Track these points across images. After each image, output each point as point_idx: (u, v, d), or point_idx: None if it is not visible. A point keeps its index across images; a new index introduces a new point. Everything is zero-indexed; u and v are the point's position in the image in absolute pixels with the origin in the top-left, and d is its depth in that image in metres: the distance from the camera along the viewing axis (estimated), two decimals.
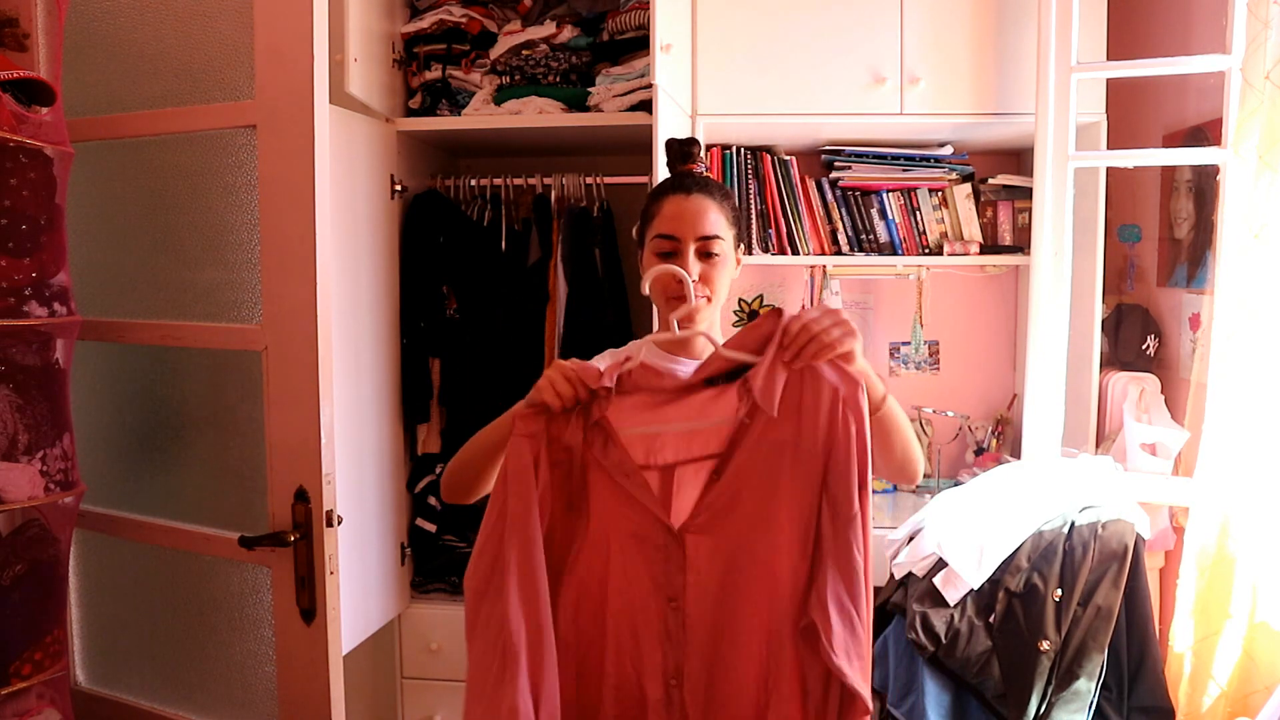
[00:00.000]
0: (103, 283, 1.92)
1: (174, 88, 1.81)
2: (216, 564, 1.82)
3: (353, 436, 2.31)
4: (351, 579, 2.24)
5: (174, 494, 1.93)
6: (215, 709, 1.88)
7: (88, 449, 1.81)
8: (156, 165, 1.89)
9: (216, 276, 1.81)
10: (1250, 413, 1.99)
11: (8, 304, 1.57)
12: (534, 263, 2.66)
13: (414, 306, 2.61)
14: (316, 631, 1.66)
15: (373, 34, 2.42)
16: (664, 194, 1.45)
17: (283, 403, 1.67)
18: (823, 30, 2.46)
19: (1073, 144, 2.30)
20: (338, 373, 1.74)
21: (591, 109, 2.55)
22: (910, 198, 2.73)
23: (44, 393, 1.65)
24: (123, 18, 1.86)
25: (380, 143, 2.48)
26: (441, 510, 2.66)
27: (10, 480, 1.57)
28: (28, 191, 1.58)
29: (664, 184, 1.49)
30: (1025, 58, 2.40)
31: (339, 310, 1.91)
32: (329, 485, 1.64)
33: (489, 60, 2.62)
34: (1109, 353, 2.61)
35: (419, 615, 2.66)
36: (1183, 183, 2.47)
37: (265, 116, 1.65)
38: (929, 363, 3.01)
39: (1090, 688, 1.86)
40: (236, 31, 1.69)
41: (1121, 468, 2.30)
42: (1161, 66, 2.23)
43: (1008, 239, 2.76)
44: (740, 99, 2.48)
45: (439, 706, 2.66)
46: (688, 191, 1.42)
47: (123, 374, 2.00)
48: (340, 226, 2.13)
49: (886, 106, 2.47)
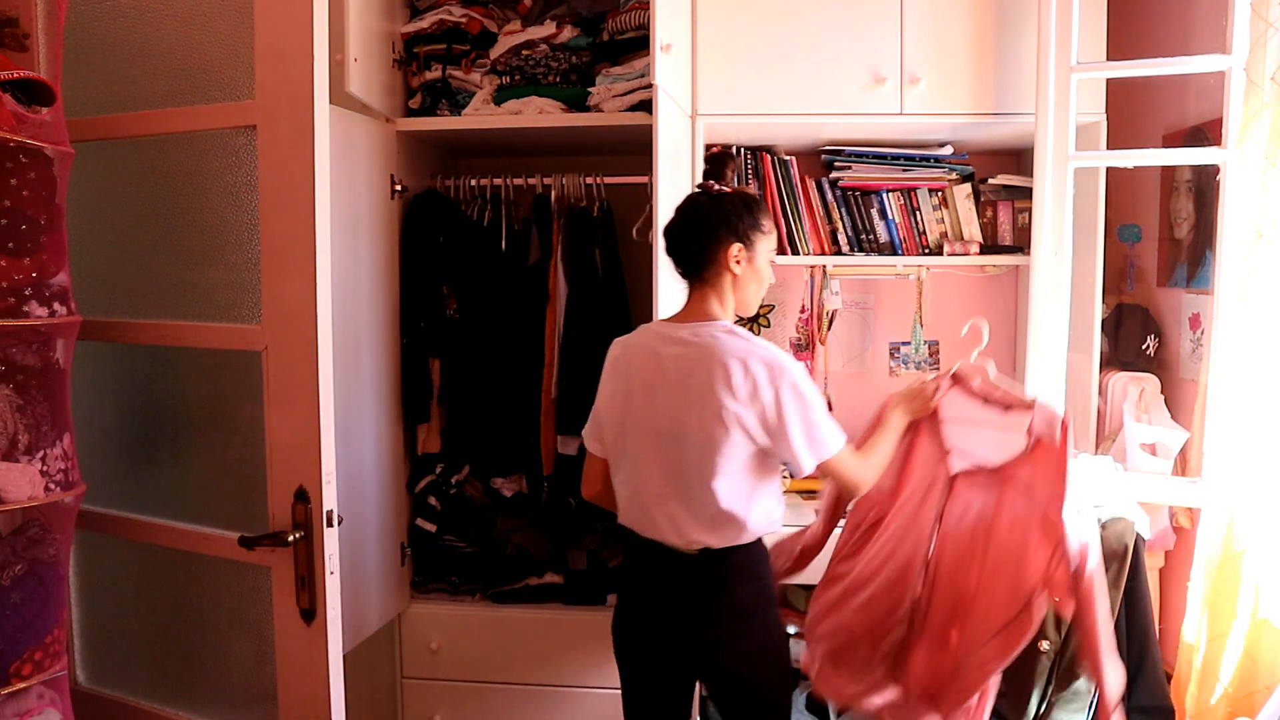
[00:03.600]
0: (103, 283, 1.92)
1: (174, 88, 1.81)
2: (216, 564, 1.81)
3: (353, 436, 2.31)
4: (351, 579, 2.24)
5: (174, 494, 1.93)
6: (215, 709, 1.88)
7: (88, 449, 1.80)
8: (156, 165, 1.89)
9: (216, 276, 1.81)
10: (1251, 412, 1.99)
11: (8, 304, 1.57)
12: (534, 263, 2.66)
13: (414, 306, 2.61)
14: (316, 631, 1.66)
15: (373, 34, 2.42)
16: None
17: (283, 403, 1.67)
18: (823, 30, 2.46)
19: (1073, 144, 2.30)
20: (338, 373, 1.74)
21: (591, 109, 2.55)
22: (910, 198, 2.73)
23: (44, 393, 1.65)
24: (123, 18, 1.86)
25: (380, 143, 2.48)
26: (441, 510, 2.66)
27: (10, 480, 1.57)
28: (28, 191, 1.58)
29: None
30: (1025, 58, 2.40)
31: (339, 310, 1.91)
32: (329, 485, 1.64)
33: (489, 60, 2.62)
34: (1109, 353, 2.61)
35: (419, 615, 2.66)
36: (1183, 183, 2.47)
37: (265, 116, 1.65)
38: (929, 363, 3.01)
39: (1090, 688, 1.86)
40: (236, 31, 1.69)
41: (1121, 468, 2.31)
42: (1161, 66, 2.22)
43: (1008, 239, 2.76)
44: (740, 99, 2.48)
45: (439, 706, 2.66)
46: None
47: (123, 374, 2.00)
48: (340, 226, 2.13)
49: (886, 106, 2.47)
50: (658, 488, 1.76)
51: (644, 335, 1.84)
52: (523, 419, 2.63)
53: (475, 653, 2.64)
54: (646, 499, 1.78)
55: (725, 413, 1.67)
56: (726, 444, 1.68)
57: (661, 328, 1.82)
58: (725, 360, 1.68)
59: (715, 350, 1.70)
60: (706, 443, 1.69)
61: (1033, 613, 1.67)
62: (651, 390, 1.77)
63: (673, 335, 1.78)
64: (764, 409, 1.67)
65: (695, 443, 1.71)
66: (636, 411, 1.79)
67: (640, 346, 1.83)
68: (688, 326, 1.77)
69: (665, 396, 1.75)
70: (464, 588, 2.68)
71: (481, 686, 2.64)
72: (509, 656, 2.63)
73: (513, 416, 2.63)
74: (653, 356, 1.78)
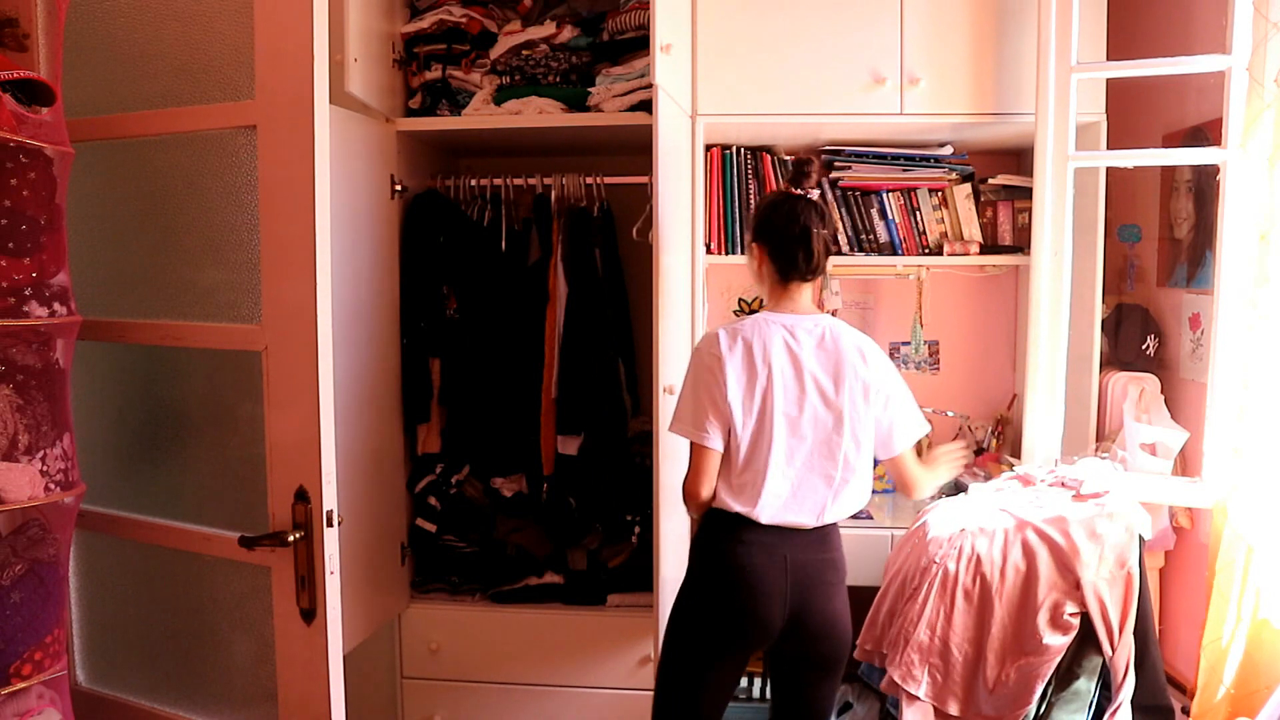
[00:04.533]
0: (103, 283, 1.91)
1: (174, 88, 1.80)
2: (217, 564, 1.81)
3: (353, 436, 2.31)
4: (351, 579, 2.24)
5: (174, 494, 1.93)
6: (215, 709, 1.88)
7: (88, 449, 1.80)
8: (156, 165, 1.88)
9: (216, 276, 1.81)
10: (1251, 412, 1.99)
11: (8, 304, 1.57)
12: (534, 263, 2.66)
13: (414, 306, 2.61)
14: (316, 631, 1.66)
15: (373, 34, 2.42)
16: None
17: (283, 403, 1.67)
18: (823, 30, 2.46)
19: (1073, 144, 2.30)
20: (338, 373, 1.74)
21: (591, 109, 2.55)
22: (910, 198, 2.73)
23: (44, 393, 1.65)
24: (123, 18, 1.86)
25: (380, 143, 2.48)
26: (441, 510, 2.66)
27: (10, 480, 1.57)
28: (28, 191, 1.58)
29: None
30: (1025, 58, 2.40)
31: (339, 310, 1.91)
32: (329, 485, 1.64)
33: (489, 60, 2.62)
34: (1109, 353, 2.61)
35: (419, 615, 2.66)
36: (1183, 183, 2.47)
37: (265, 116, 1.65)
38: (929, 363, 3.01)
39: (1090, 688, 1.86)
40: (236, 31, 1.68)
41: (1122, 468, 2.31)
42: (1161, 66, 2.22)
43: (1008, 239, 2.76)
44: (740, 99, 2.48)
45: (439, 706, 2.66)
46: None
47: (123, 374, 2.00)
48: (340, 226, 2.13)
49: (886, 107, 2.47)
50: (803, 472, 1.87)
51: (766, 326, 1.89)
52: (523, 419, 2.63)
53: (475, 653, 2.64)
54: (785, 482, 1.85)
55: (870, 392, 1.87)
56: (868, 419, 1.88)
57: (783, 319, 1.90)
58: (859, 345, 1.90)
59: (845, 336, 1.90)
60: (857, 421, 1.86)
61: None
62: (796, 378, 1.86)
63: (800, 326, 1.89)
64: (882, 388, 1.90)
65: (848, 421, 1.86)
66: (776, 400, 1.85)
67: (768, 337, 1.88)
68: (809, 318, 1.91)
69: (814, 384, 1.86)
70: (464, 588, 2.68)
71: (481, 686, 2.64)
72: (509, 656, 2.63)
73: (513, 416, 2.63)
74: (786, 348, 1.87)
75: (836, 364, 1.86)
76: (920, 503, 2.66)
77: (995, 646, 1.91)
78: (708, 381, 1.86)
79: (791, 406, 1.85)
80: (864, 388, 1.86)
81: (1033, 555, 1.93)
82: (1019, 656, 1.87)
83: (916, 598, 1.99)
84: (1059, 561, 1.91)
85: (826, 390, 1.85)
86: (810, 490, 1.85)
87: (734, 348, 1.86)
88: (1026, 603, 1.91)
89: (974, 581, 1.95)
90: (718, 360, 1.86)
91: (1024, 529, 1.97)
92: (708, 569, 1.91)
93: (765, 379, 1.84)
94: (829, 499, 1.86)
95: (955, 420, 2.92)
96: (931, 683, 1.93)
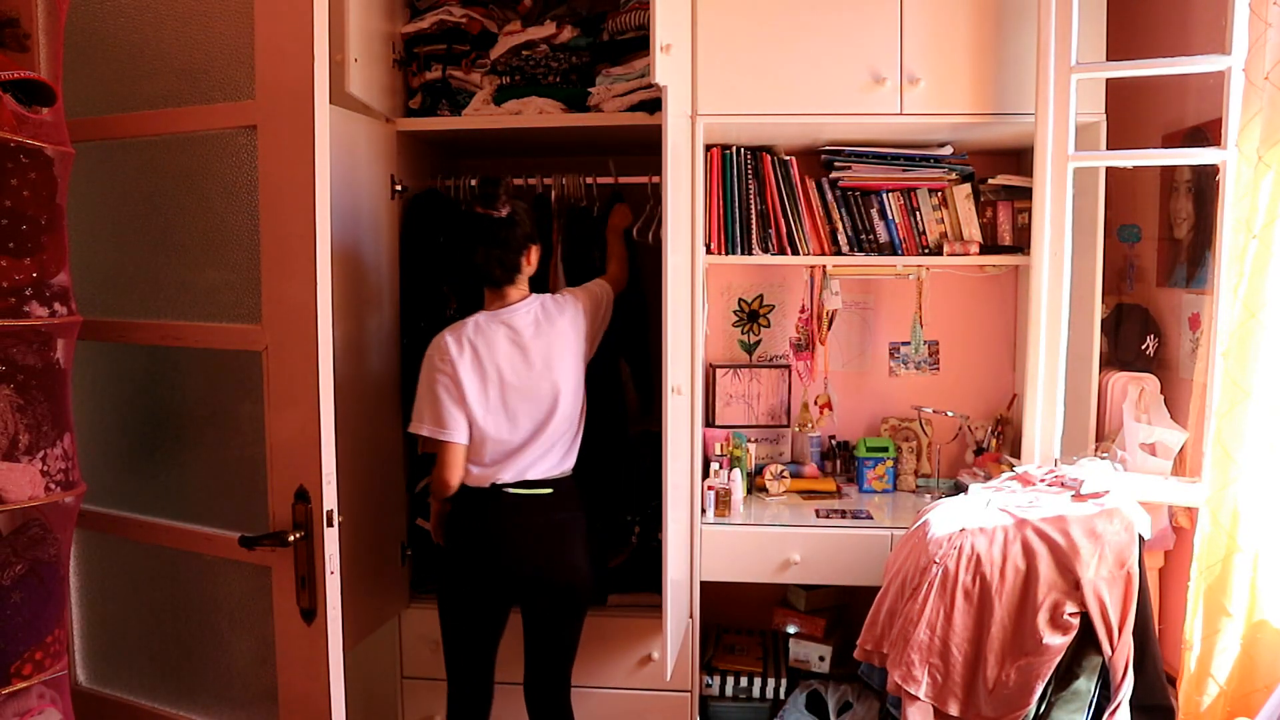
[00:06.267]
0: (103, 283, 1.92)
1: (174, 88, 1.81)
2: (217, 564, 1.82)
3: (353, 436, 2.31)
4: (352, 579, 2.24)
5: (174, 494, 1.93)
6: (216, 709, 1.88)
7: (88, 449, 1.80)
8: (156, 165, 1.89)
9: (216, 276, 1.81)
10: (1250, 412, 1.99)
11: (8, 304, 1.57)
12: None
13: (414, 306, 2.61)
14: (316, 631, 1.67)
15: (373, 34, 2.42)
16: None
17: (283, 403, 1.67)
18: (823, 30, 2.46)
19: (1072, 144, 2.30)
20: (338, 373, 1.74)
21: (591, 109, 2.55)
22: (910, 198, 2.73)
23: (44, 393, 1.65)
24: (123, 18, 1.86)
25: (380, 143, 2.48)
26: None
27: (11, 480, 1.57)
28: (28, 191, 1.58)
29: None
30: (1025, 58, 2.40)
31: (339, 310, 1.91)
32: (329, 485, 1.64)
33: (489, 60, 2.62)
34: (1109, 353, 2.61)
35: (419, 615, 2.66)
36: (1182, 183, 2.47)
37: (265, 116, 1.65)
38: (929, 363, 3.01)
39: (1090, 687, 1.87)
40: (236, 31, 1.69)
41: (1121, 467, 2.31)
42: (1161, 66, 2.22)
43: (1007, 239, 2.76)
44: (740, 99, 2.48)
45: (439, 706, 2.65)
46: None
47: (123, 374, 2.01)
48: (340, 226, 2.13)
49: (886, 107, 2.47)
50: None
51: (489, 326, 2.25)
52: None
53: None
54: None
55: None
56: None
57: (500, 315, 2.24)
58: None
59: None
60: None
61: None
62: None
63: (516, 314, 2.24)
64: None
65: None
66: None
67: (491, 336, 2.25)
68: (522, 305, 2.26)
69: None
70: None
71: None
72: (509, 656, 2.62)
73: None
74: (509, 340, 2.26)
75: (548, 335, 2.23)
76: (920, 503, 2.67)
77: (995, 646, 1.91)
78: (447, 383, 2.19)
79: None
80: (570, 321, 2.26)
81: (1032, 555, 1.93)
82: (1019, 656, 1.87)
83: (916, 597, 1.99)
84: (1059, 561, 1.91)
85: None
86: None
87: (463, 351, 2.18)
88: (1026, 602, 1.91)
89: (974, 581, 1.95)
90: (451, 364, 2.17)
91: (1024, 529, 1.98)
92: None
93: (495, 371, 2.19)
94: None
95: (955, 420, 2.92)
96: (931, 683, 1.93)
